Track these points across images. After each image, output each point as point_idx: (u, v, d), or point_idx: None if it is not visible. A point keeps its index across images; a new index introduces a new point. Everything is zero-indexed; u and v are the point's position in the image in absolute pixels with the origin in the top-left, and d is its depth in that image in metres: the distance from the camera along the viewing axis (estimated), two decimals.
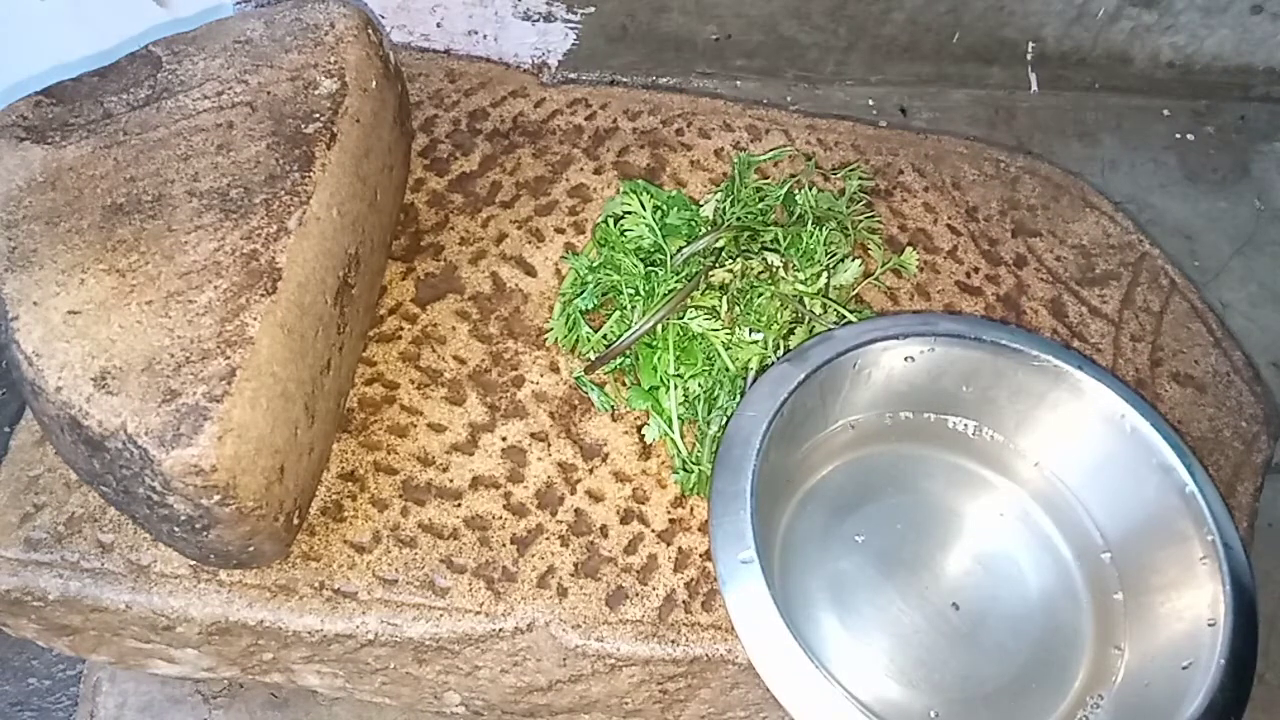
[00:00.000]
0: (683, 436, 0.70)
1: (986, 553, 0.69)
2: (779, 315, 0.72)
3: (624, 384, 0.73)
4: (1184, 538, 0.64)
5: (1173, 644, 0.62)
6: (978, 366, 0.70)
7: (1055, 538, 0.69)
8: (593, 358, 0.73)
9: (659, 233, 0.75)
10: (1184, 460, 0.65)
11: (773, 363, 0.69)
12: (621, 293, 0.73)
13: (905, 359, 0.69)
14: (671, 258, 0.74)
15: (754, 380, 0.69)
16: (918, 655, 0.64)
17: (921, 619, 0.65)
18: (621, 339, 0.70)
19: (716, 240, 0.74)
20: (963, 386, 0.71)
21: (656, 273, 0.73)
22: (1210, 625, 0.60)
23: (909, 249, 0.80)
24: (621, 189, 0.80)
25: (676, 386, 0.70)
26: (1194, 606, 0.62)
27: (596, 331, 0.73)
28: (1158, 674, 0.62)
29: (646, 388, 0.71)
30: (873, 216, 0.82)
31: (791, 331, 0.72)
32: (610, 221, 0.77)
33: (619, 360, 0.72)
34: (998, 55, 1.06)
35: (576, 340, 0.74)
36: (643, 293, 0.72)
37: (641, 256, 0.75)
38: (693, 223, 0.77)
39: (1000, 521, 0.70)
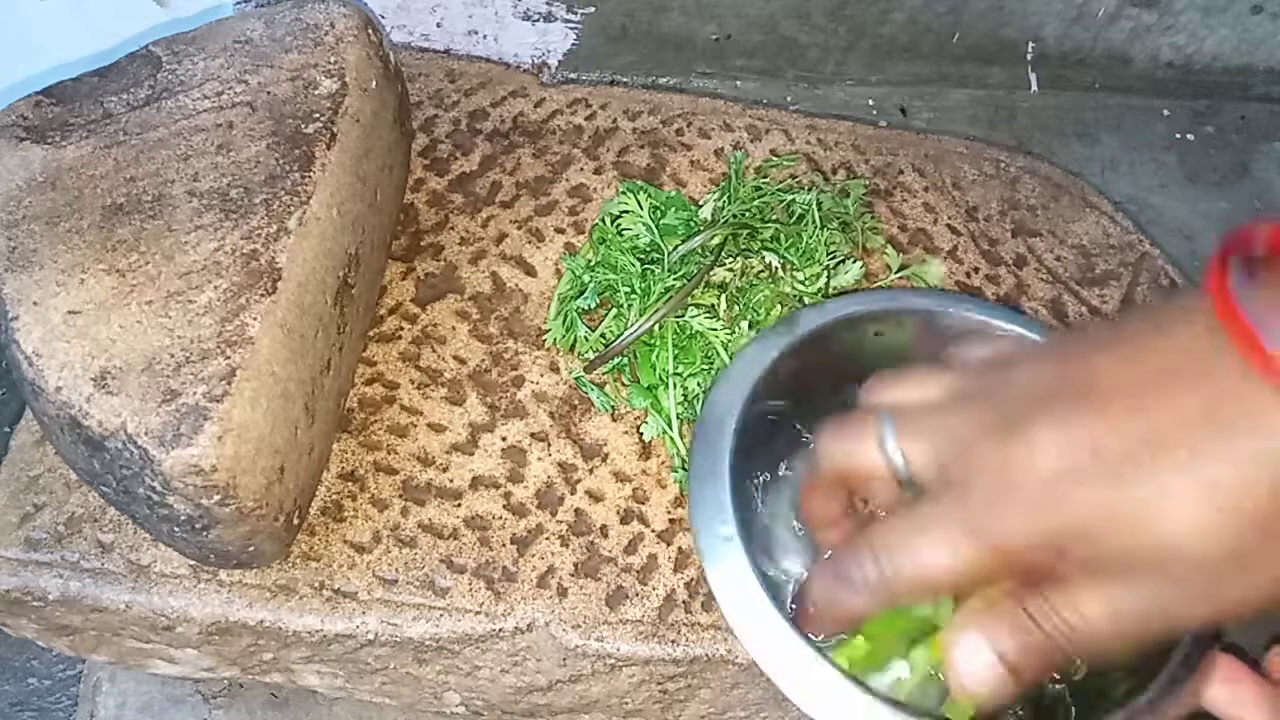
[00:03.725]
0: (682, 436, 0.70)
1: None
2: (779, 314, 0.72)
3: (624, 384, 0.73)
4: None
5: None
6: (954, 338, 0.68)
7: None
8: (591, 357, 0.73)
9: (656, 231, 0.75)
10: None
11: (751, 339, 0.68)
12: (618, 291, 0.73)
13: (875, 335, 0.68)
14: (667, 256, 0.74)
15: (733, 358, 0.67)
16: None
17: None
18: (621, 338, 0.70)
19: (712, 238, 0.74)
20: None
21: (653, 271, 0.73)
22: None
23: (932, 259, 0.80)
24: (619, 190, 0.80)
25: (675, 385, 0.70)
26: None
27: (594, 331, 0.73)
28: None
29: (645, 386, 0.71)
30: (873, 216, 0.82)
31: None
32: (607, 220, 0.77)
33: (618, 360, 0.72)
34: (998, 55, 1.05)
35: (574, 340, 0.74)
36: (639, 291, 0.72)
37: (638, 255, 0.75)
38: (691, 222, 0.77)
39: None
